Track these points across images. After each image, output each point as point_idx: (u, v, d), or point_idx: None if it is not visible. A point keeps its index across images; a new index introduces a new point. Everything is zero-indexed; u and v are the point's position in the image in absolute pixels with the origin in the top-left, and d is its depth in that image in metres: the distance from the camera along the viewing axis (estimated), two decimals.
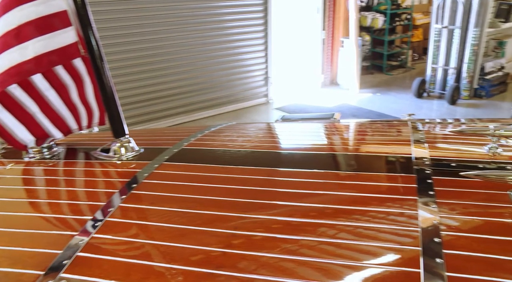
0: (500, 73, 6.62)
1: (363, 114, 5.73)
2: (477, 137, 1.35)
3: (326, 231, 0.92)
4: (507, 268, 0.78)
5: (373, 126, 1.73)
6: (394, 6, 7.81)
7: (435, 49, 6.43)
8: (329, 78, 7.32)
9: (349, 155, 1.39)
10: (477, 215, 0.94)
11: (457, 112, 5.96)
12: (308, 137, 1.71)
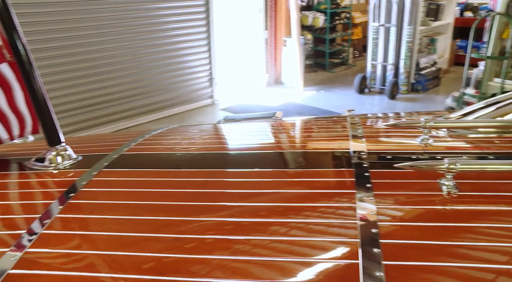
0: (434, 68, 6.98)
1: (308, 111, 5.84)
2: (410, 130, 1.41)
3: (277, 229, 0.92)
4: (440, 252, 0.82)
5: (313, 123, 1.76)
6: (333, 5, 8.02)
7: (373, 46, 6.67)
8: (274, 77, 7.40)
9: (292, 152, 1.40)
10: (411, 204, 0.98)
11: (397, 106, 6.21)
12: (251, 137, 1.72)
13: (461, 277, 0.76)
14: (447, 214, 0.94)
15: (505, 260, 0.79)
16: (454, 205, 0.96)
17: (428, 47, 7.23)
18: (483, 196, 1.00)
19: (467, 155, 1.20)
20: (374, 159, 1.20)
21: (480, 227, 0.89)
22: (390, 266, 0.78)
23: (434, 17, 7.22)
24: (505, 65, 5.22)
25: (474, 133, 1.39)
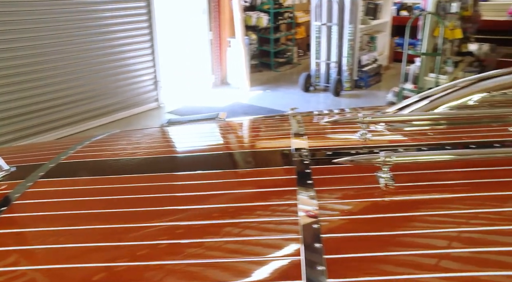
0: (375, 65, 7.23)
1: (254, 111, 5.87)
2: (350, 125, 1.45)
3: (229, 230, 0.92)
4: (380, 242, 0.84)
5: (256, 123, 1.77)
6: (276, 5, 8.11)
7: (317, 45, 6.81)
8: (220, 78, 7.38)
9: (235, 153, 1.40)
10: (351, 198, 1.01)
11: (342, 103, 6.38)
12: (195, 139, 1.70)
13: (403, 264, 0.79)
14: (384, 206, 0.97)
15: (444, 245, 0.83)
16: (391, 196, 1.00)
17: (368, 45, 7.48)
18: (418, 186, 1.04)
19: (403, 147, 1.25)
20: (315, 156, 1.22)
21: (417, 216, 0.93)
22: (332, 259, 0.80)
23: (373, 16, 7.49)
24: (438, 61, 5.51)
25: (409, 126, 1.45)
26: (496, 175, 1.07)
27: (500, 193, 0.99)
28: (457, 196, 1.00)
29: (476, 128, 1.40)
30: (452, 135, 1.35)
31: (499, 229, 0.87)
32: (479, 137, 1.31)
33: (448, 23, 5.67)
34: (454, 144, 1.28)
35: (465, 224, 0.90)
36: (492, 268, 0.77)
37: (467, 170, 1.10)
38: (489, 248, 0.82)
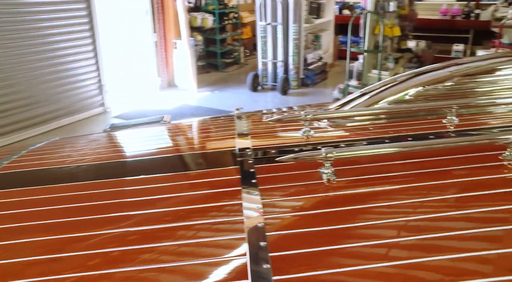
0: (320, 63, 7.39)
1: (203, 112, 5.83)
2: (294, 123, 1.47)
3: (182, 234, 0.91)
4: (324, 237, 0.86)
5: (201, 125, 1.76)
6: (221, 6, 8.10)
7: (263, 44, 6.86)
8: (167, 80, 7.27)
9: (181, 155, 1.38)
10: (295, 195, 1.02)
11: (289, 101, 6.46)
12: (140, 143, 1.66)
13: (350, 256, 0.81)
14: (328, 201, 0.99)
15: (391, 235, 0.85)
16: (335, 191, 1.02)
17: (313, 44, 7.62)
18: (362, 180, 1.07)
19: (344, 143, 1.28)
20: (259, 155, 1.22)
21: (362, 208, 0.95)
22: (277, 257, 0.80)
23: (316, 15, 7.64)
24: (379, 58, 5.71)
25: (351, 122, 1.49)
26: (435, 165, 1.12)
27: (441, 182, 1.04)
28: (401, 187, 1.04)
29: (413, 122, 1.46)
30: (391, 129, 1.40)
31: (442, 215, 0.92)
32: (416, 130, 1.37)
33: (387, 21, 5.89)
34: (393, 137, 1.32)
35: (410, 213, 0.93)
36: (437, 253, 0.80)
37: (408, 162, 1.14)
38: (434, 234, 0.85)
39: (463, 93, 1.54)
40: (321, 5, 7.73)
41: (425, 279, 0.75)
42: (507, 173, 1.07)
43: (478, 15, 8.30)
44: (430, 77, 1.56)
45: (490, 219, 0.90)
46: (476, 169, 1.10)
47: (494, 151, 1.15)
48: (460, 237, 0.85)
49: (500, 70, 1.61)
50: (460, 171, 1.09)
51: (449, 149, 1.16)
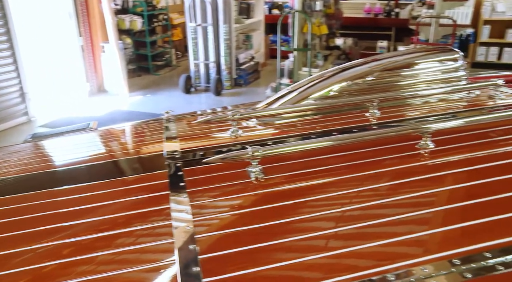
0: (252, 62, 7.46)
1: (135, 117, 5.67)
2: (222, 124, 1.46)
3: (122, 241, 0.88)
4: (254, 235, 0.86)
5: (129, 130, 1.71)
6: (150, 8, 7.92)
7: (194, 46, 6.80)
8: (96, 86, 7.00)
9: (107, 162, 1.33)
10: (223, 195, 1.01)
11: (223, 101, 6.46)
12: (66, 152, 1.58)
13: (281, 251, 0.81)
14: (256, 199, 1.00)
15: (322, 227, 0.87)
16: (263, 189, 1.03)
17: (245, 44, 7.67)
18: (288, 176, 1.09)
19: (272, 141, 1.29)
20: (187, 157, 1.21)
21: (289, 204, 0.96)
22: (207, 259, 0.79)
23: (246, 15, 7.70)
24: (309, 56, 5.86)
25: (279, 120, 1.51)
26: (359, 157, 1.17)
27: (366, 173, 1.09)
28: (329, 180, 1.07)
29: (338, 116, 1.51)
30: (318, 125, 1.44)
31: (376, 203, 0.96)
32: (342, 125, 1.42)
33: (315, 20, 6.06)
34: (320, 132, 1.36)
35: (340, 204, 0.96)
36: (371, 240, 0.83)
37: (334, 156, 1.18)
38: (368, 222, 0.88)
39: (383, 87, 1.61)
40: (251, 5, 7.80)
41: (360, 266, 0.77)
42: (424, 160, 1.14)
43: (398, 13, 8.78)
44: (352, 73, 1.62)
45: (417, 203, 0.95)
46: (397, 158, 1.15)
47: (412, 140, 1.21)
48: (392, 223, 0.89)
49: (417, 64, 1.70)
50: (383, 161, 1.14)
51: (372, 141, 1.21)
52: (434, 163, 1.12)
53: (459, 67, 1.75)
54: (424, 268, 0.75)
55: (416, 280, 0.73)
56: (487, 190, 0.99)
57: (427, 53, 1.76)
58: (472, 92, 1.71)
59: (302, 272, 0.77)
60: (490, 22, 8.01)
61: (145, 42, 7.89)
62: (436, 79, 1.70)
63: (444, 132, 1.25)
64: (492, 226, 0.86)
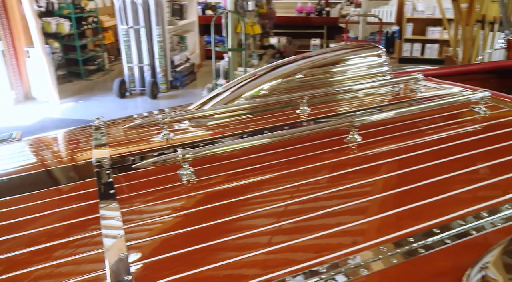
0: (188, 64, 7.39)
1: (67, 124, 5.39)
2: (154, 127, 1.44)
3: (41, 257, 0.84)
4: (188, 238, 0.85)
5: (57, 138, 1.64)
6: (78, 10, 7.60)
7: (127, 49, 6.61)
8: (22, 93, 6.60)
9: (33, 173, 1.26)
10: (155, 200, 1.00)
11: (160, 105, 6.35)
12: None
13: (217, 251, 0.81)
14: (189, 201, 0.99)
15: (256, 224, 0.88)
16: (195, 191, 1.02)
17: (179, 45, 7.58)
18: (221, 176, 1.09)
19: (204, 142, 1.29)
20: (117, 164, 1.17)
21: (222, 205, 0.96)
22: (138, 266, 0.78)
23: (179, 17, 7.60)
24: (244, 56, 5.90)
25: (212, 121, 1.51)
26: (291, 154, 1.19)
27: (302, 168, 1.11)
28: (262, 178, 1.08)
29: (270, 115, 1.53)
30: (250, 124, 1.45)
31: (309, 197, 0.98)
32: (273, 123, 1.44)
33: (248, 20, 6.11)
34: (251, 131, 1.37)
35: (273, 201, 0.98)
36: (312, 232, 0.85)
37: (266, 154, 1.19)
38: (303, 216, 0.91)
39: (313, 84, 1.66)
40: (184, 6, 7.71)
41: (300, 260, 0.79)
42: (353, 153, 1.19)
43: (329, 12, 9.07)
44: (281, 72, 1.65)
45: (352, 194, 0.99)
46: (326, 153, 1.19)
47: (341, 135, 1.26)
48: (330, 214, 0.91)
49: (343, 61, 1.77)
50: (314, 157, 1.18)
51: (303, 137, 1.24)
52: (361, 155, 1.17)
53: (383, 62, 1.83)
54: (354, 257, 0.78)
55: (347, 270, 0.76)
56: (412, 178, 1.05)
57: (353, 50, 1.83)
58: (396, 86, 1.80)
59: (238, 270, 0.77)
60: (412, 20, 8.50)
61: (74, 46, 7.57)
62: (362, 75, 1.77)
63: (370, 126, 1.31)
64: (416, 212, 0.92)
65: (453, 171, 1.07)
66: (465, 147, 1.21)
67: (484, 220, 0.88)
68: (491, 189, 1.00)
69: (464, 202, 0.94)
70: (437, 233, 0.84)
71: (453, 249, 0.81)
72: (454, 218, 0.88)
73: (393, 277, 0.76)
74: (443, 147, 1.21)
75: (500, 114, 1.42)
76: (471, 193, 0.98)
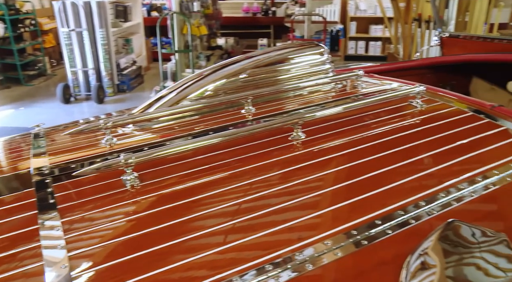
0: (134, 67, 7.22)
1: (7, 133, 5.08)
2: (97, 133, 1.40)
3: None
4: (132, 244, 0.84)
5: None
6: (12, 12, 7.20)
7: (69, 52, 6.37)
8: None
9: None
10: (97, 208, 0.97)
11: (107, 109, 6.17)
12: None
13: (166, 256, 0.80)
14: (132, 207, 0.97)
15: (204, 226, 0.88)
16: (140, 196, 1.00)
17: (125, 48, 7.40)
18: (166, 180, 1.08)
19: (148, 146, 1.27)
20: (58, 172, 1.13)
21: (165, 209, 0.95)
22: (80, 277, 0.76)
23: (124, 19, 7.42)
24: (191, 57, 5.85)
25: (157, 124, 1.48)
26: (237, 153, 1.19)
27: (248, 167, 1.12)
28: (208, 179, 1.08)
29: (215, 115, 1.53)
30: (195, 126, 1.45)
31: (262, 194, 0.99)
32: (219, 123, 1.44)
33: (194, 21, 6.07)
34: (196, 133, 1.37)
35: (226, 200, 0.98)
36: (260, 230, 0.86)
37: (211, 155, 1.19)
38: (256, 213, 0.92)
39: (257, 84, 1.68)
40: (128, 7, 7.54)
41: (248, 258, 0.79)
42: (297, 151, 1.21)
43: (275, 12, 9.17)
44: (225, 72, 1.65)
45: (297, 191, 1.01)
46: (272, 151, 1.21)
47: (285, 133, 1.28)
48: (277, 211, 0.93)
49: (287, 60, 1.80)
50: (260, 155, 1.19)
51: (248, 137, 1.25)
52: (305, 152, 1.20)
53: (325, 60, 1.88)
54: (300, 253, 0.80)
55: (293, 266, 0.77)
56: (355, 172, 1.09)
57: (295, 49, 1.86)
58: (339, 83, 1.85)
59: (185, 273, 0.77)
60: (355, 19, 8.77)
61: (11, 50, 7.19)
62: (305, 73, 1.81)
63: (314, 123, 1.34)
64: (360, 205, 0.95)
65: (393, 163, 1.12)
66: (403, 140, 1.26)
67: (422, 209, 0.92)
68: (428, 178, 1.06)
69: (404, 193, 0.99)
70: (379, 225, 0.87)
71: (394, 238, 0.85)
72: (395, 209, 0.92)
73: (338, 270, 0.78)
74: (383, 141, 1.26)
75: (435, 108, 1.50)
76: (410, 184, 1.03)
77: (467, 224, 0.83)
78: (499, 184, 1.02)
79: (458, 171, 1.08)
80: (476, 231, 0.81)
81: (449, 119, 1.40)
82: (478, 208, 0.97)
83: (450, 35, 3.02)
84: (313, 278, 0.76)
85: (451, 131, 1.31)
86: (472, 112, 1.44)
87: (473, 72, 2.72)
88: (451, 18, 4.76)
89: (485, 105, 1.47)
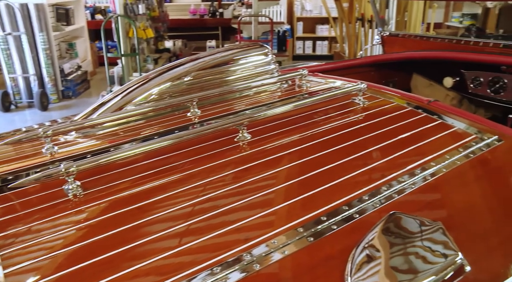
0: (80, 72, 6.97)
1: None
2: (37, 142, 1.34)
3: None
4: (75, 255, 0.81)
5: None
6: None
7: (6, 58, 6.05)
8: None
9: None
10: (37, 220, 0.93)
11: (52, 116, 5.93)
12: None
13: (105, 266, 0.79)
14: (75, 217, 0.94)
15: (149, 231, 0.87)
16: (83, 205, 0.98)
17: (68, 52, 7.13)
18: (111, 187, 1.05)
19: (91, 153, 1.23)
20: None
21: (109, 217, 0.93)
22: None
23: (66, 22, 7.15)
24: (138, 61, 5.74)
25: (101, 130, 1.45)
26: (184, 157, 1.19)
27: (195, 170, 1.12)
28: (153, 185, 1.06)
29: (161, 119, 1.51)
30: (141, 130, 1.42)
31: (209, 196, 0.99)
32: (165, 127, 1.42)
33: (140, 23, 5.95)
34: (141, 138, 1.34)
35: (180, 202, 0.97)
36: (207, 232, 0.86)
37: (156, 159, 1.17)
38: (203, 216, 0.91)
39: (202, 86, 1.67)
40: (70, 10, 7.27)
41: (195, 262, 0.79)
42: (244, 152, 1.22)
43: (222, 13, 9.17)
44: (170, 75, 1.64)
45: (243, 191, 1.02)
46: (218, 153, 1.21)
47: (231, 134, 1.28)
48: (223, 213, 0.93)
49: (231, 61, 1.80)
50: (206, 158, 1.18)
51: (194, 140, 1.24)
52: (251, 152, 1.21)
53: (270, 61, 1.90)
54: (247, 253, 0.80)
55: (241, 266, 0.78)
56: (301, 170, 1.11)
57: (240, 50, 1.87)
58: (285, 83, 1.88)
59: (132, 280, 0.75)
60: (302, 19, 8.93)
61: None
62: (250, 74, 1.82)
63: (260, 123, 1.35)
64: (306, 202, 0.97)
65: (338, 159, 1.15)
66: (347, 136, 1.30)
67: (366, 203, 0.96)
68: (371, 172, 1.09)
69: (348, 188, 1.02)
70: (325, 221, 0.89)
71: (340, 233, 0.87)
72: (340, 204, 0.95)
73: (285, 268, 0.80)
74: (328, 138, 1.29)
75: (376, 104, 1.55)
76: (355, 178, 1.06)
77: (407, 215, 0.86)
78: (436, 174, 1.08)
79: (399, 164, 1.13)
80: (415, 221, 0.85)
81: (390, 115, 1.45)
82: (418, 199, 1.01)
83: (391, 34, 3.14)
84: (262, 277, 0.76)
85: (391, 126, 1.36)
86: (410, 107, 1.50)
87: (414, 69, 2.85)
88: (391, 18, 4.96)
89: (423, 100, 1.54)
